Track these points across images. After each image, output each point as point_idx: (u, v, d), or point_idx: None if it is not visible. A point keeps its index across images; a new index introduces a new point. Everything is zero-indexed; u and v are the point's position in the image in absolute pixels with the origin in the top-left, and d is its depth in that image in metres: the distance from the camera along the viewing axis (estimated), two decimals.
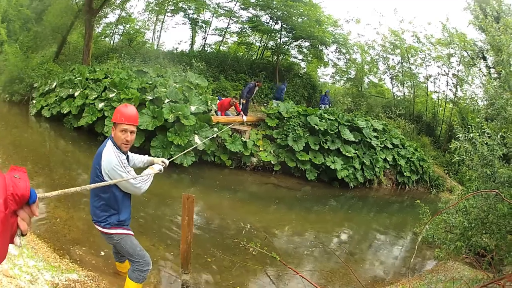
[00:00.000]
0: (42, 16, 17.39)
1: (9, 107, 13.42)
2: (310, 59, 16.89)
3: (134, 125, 2.44)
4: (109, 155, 2.34)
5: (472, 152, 4.50)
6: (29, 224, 0.78)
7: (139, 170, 2.70)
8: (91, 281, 2.96)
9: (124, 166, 2.36)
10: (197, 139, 7.77)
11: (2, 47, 26.29)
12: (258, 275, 4.04)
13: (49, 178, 5.95)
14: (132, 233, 2.64)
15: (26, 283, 2.47)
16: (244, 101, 9.51)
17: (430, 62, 16.22)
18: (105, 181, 2.36)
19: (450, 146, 5.10)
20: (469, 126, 4.65)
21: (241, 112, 8.90)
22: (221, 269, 3.93)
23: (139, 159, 2.80)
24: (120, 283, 3.04)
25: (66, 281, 2.79)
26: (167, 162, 2.72)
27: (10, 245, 0.76)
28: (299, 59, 17.32)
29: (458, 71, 16.29)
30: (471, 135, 4.46)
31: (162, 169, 2.62)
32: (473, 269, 4.92)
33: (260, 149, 8.63)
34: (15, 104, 13.34)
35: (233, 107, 9.01)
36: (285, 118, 9.04)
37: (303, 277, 3.58)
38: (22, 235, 0.76)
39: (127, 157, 2.58)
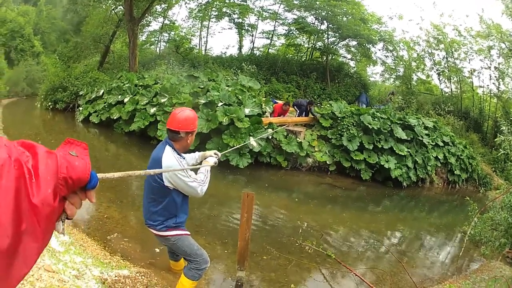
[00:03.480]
0: (80, 27, 18.05)
1: (52, 115, 13.90)
2: (358, 58, 16.82)
3: None
4: (171, 161, 2.29)
5: None
6: (79, 208, 0.63)
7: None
8: (143, 277, 2.91)
9: (186, 171, 2.30)
10: (252, 141, 7.80)
11: (38, 58, 27.59)
12: (312, 273, 3.99)
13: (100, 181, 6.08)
14: (188, 232, 2.58)
15: (70, 278, 2.40)
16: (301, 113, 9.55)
17: (473, 56, 15.79)
18: (166, 186, 2.32)
19: (495, 140, 4.93)
20: (511, 119, 4.50)
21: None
22: (276, 267, 3.90)
23: (190, 156, 2.73)
24: (173, 279, 3.03)
25: (115, 276, 2.73)
26: (219, 153, 2.64)
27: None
28: (348, 59, 17.31)
29: (499, 64, 15.70)
30: None
31: (217, 161, 2.54)
32: None
33: (315, 149, 8.58)
34: (59, 111, 13.82)
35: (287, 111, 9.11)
36: (339, 118, 8.98)
37: (357, 275, 3.61)
38: (68, 219, 0.61)
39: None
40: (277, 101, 10.04)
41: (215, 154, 2.62)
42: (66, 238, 3.22)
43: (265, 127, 8.18)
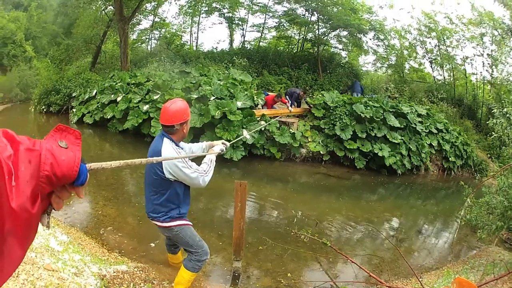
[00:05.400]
0: (71, 30, 18.00)
1: (46, 118, 13.81)
2: (350, 48, 16.91)
3: None
4: (170, 152, 2.30)
5: (508, 128, 4.40)
6: (67, 199, 0.58)
7: (199, 159, 2.60)
8: (141, 271, 2.93)
9: (186, 161, 2.30)
10: (245, 133, 7.82)
11: (31, 63, 27.50)
12: (309, 262, 4.01)
13: (95, 179, 5.93)
14: (191, 223, 2.58)
15: (70, 275, 2.43)
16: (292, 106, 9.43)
17: (465, 43, 15.90)
18: (167, 178, 2.32)
19: (487, 123, 4.96)
20: (502, 101, 4.54)
21: (287, 104, 8.90)
22: (273, 257, 3.91)
23: (197, 146, 2.69)
24: (171, 272, 3.04)
25: (114, 272, 2.76)
26: (227, 143, 2.60)
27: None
28: (339, 49, 17.43)
29: (491, 51, 15.77)
30: (505, 109, 4.33)
31: (224, 148, 2.52)
32: None
33: (309, 139, 8.61)
34: (53, 114, 13.74)
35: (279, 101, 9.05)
36: (331, 108, 9.00)
37: (353, 262, 3.53)
38: (54, 210, 0.58)
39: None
40: (269, 93, 10.04)
41: (222, 143, 2.58)
42: (64, 238, 3.22)
43: (258, 119, 8.20)
